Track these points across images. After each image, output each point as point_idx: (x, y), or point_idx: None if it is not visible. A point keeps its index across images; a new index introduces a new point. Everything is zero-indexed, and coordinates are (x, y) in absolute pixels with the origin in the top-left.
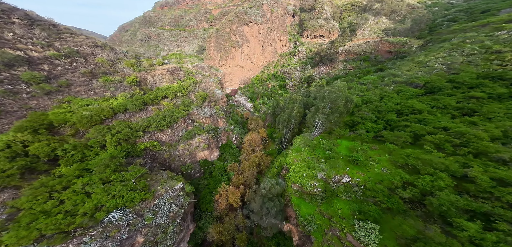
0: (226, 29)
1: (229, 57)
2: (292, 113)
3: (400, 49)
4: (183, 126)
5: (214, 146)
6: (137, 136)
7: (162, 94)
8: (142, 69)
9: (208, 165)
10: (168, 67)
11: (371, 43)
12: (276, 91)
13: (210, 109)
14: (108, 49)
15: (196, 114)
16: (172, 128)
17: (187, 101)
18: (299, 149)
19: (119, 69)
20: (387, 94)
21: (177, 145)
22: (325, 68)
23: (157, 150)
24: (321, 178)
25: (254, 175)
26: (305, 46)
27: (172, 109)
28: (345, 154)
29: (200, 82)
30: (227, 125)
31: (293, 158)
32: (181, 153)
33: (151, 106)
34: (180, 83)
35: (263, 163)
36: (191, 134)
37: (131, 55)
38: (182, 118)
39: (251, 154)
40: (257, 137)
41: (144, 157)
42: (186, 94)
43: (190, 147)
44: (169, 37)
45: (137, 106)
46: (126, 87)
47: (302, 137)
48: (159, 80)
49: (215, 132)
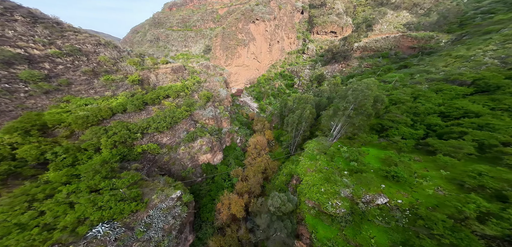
0: (232, 28)
1: (235, 56)
2: (303, 114)
3: (426, 44)
4: (185, 127)
5: (217, 148)
6: (135, 138)
7: (164, 93)
8: (145, 68)
9: (210, 169)
10: (172, 66)
11: (390, 38)
12: (283, 90)
13: (214, 110)
14: (111, 48)
15: (199, 115)
16: (173, 129)
17: (189, 101)
18: (313, 156)
19: (122, 68)
20: (422, 94)
21: (178, 148)
22: (337, 66)
23: (156, 153)
24: (346, 197)
25: (260, 181)
26: (315, 43)
27: (173, 109)
28: (376, 166)
29: (205, 81)
30: (231, 126)
31: (306, 167)
32: (182, 156)
33: (152, 106)
34: (184, 82)
35: (270, 168)
36: (192, 136)
37: (135, 53)
38: (184, 119)
39: (257, 158)
40: (263, 140)
41: (141, 161)
42: (189, 94)
43: (191, 150)
44: (177, 38)
45: (137, 106)
46: (128, 86)
47: (315, 142)
48: (163, 79)
49: (218, 133)
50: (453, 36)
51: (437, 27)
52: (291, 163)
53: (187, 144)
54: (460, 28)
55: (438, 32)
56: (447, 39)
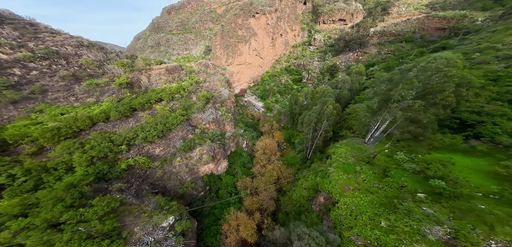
0: (232, 24)
1: (236, 54)
2: (324, 111)
3: (458, 24)
4: (181, 134)
5: (220, 156)
6: (119, 151)
7: (156, 97)
8: (136, 69)
9: (213, 181)
10: (166, 66)
11: (412, 21)
12: (291, 86)
13: (215, 112)
14: (96, 49)
15: (197, 119)
16: (167, 137)
17: (186, 104)
18: (350, 166)
19: (109, 70)
20: (504, 74)
21: (173, 159)
22: (352, 54)
23: (147, 167)
24: (440, 240)
25: (273, 195)
26: (322, 33)
27: (166, 114)
28: (484, 186)
29: (204, 81)
30: (235, 129)
31: (342, 183)
32: (179, 169)
33: (142, 112)
34: (180, 83)
35: (283, 177)
36: (190, 144)
37: (125, 55)
38: (180, 125)
39: (267, 166)
40: (272, 143)
41: (127, 179)
42: (185, 96)
43: (189, 161)
44: (177, 41)
45: (122, 112)
46: (115, 90)
47: (348, 146)
48: (156, 81)
49: (221, 138)
50: (492, 13)
51: (467, 5)
52: (313, 173)
53: (183, 154)
54: (498, 4)
55: (470, 10)
56: (484, 17)
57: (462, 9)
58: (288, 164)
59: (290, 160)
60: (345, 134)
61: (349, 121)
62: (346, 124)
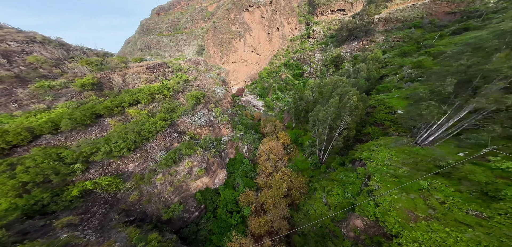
0: (224, 20)
1: (230, 51)
2: (346, 104)
3: (469, 7)
4: (163, 143)
5: (217, 165)
6: (71, 171)
7: (131, 99)
8: (106, 68)
9: (209, 198)
10: (147, 63)
11: (418, 6)
12: (291, 82)
13: (208, 114)
14: (53, 45)
15: (185, 124)
16: (143, 149)
17: (170, 106)
18: (414, 183)
19: (69, 70)
20: None
21: (153, 177)
22: (357, 43)
23: (115, 189)
24: None
25: (284, 213)
26: (320, 25)
27: (142, 120)
28: None
29: (195, 79)
30: (234, 132)
31: (402, 207)
32: (161, 188)
33: (110, 118)
34: (164, 82)
35: (295, 188)
36: (174, 156)
37: (96, 53)
38: (161, 133)
39: (273, 173)
40: (277, 146)
41: (85, 208)
42: (170, 96)
43: (175, 177)
44: (169, 43)
45: (79, 121)
46: (75, 93)
47: (394, 150)
48: (134, 81)
49: (217, 144)
50: None
51: None
52: (336, 185)
53: (166, 169)
54: None
55: None
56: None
57: None
58: (298, 170)
59: (300, 165)
60: (372, 131)
61: (376, 115)
62: (371, 119)
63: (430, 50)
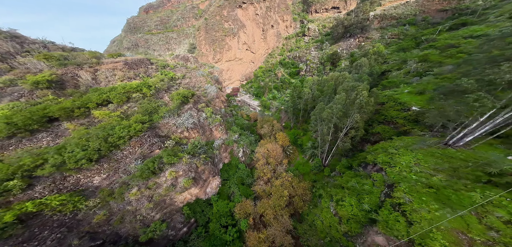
0: (216, 17)
1: (224, 49)
2: (354, 100)
3: (459, 5)
4: (139, 150)
5: (208, 173)
6: (6, 189)
7: (99, 98)
8: (71, 63)
9: (200, 210)
10: (125, 59)
11: (411, 3)
12: (287, 80)
13: (197, 115)
14: (3, 37)
15: (169, 126)
16: (112, 158)
17: (149, 106)
18: (450, 193)
19: (20, 65)
20: None
21: (126, 192)
22: (354, 40)
23: (73, 209)
24: None
25: (287, 226)
26: (315, 23)
27: (112, 124)
28: None
29: (183, 77)
30: (228, 134)
31: (452, 231)
32: (137, 205)
33: (68, 121)
34: (146, 80)
35: (298, 196)
36: (153, 166)
37: (61, 47)
38: (136, 138)
39: (272, 179)
40: (276, 148)
41: (28, 235)
42: (151, 95)
43: (156, 191)
44: (158, 41)
45: (21, 125)
46: (25, 92)
47: (421, 153)
48: (107, 79)
49: (208, 149)
50: None
51: None
52: (348, 193)
53: (143, 181)
54: None
55: None
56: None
57: None
58: (299, 173)
59: (301, 168)
60: (382, 131)
61: (386, 113)
62: (379, 117)
63: (434, 44)
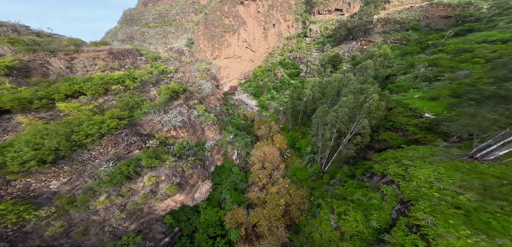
0: (217, 12)
1: (223, 45)
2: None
3: (464, 12)
4: (113, 151)
5: (197, 177)
6: None
7: (70, 89)
8: (42, 49)
9: (185, 219)
10: (110, 48)
11: (416, 8)
12: (287, 81)
13: (187, 112)
14: None
15: (153, 124)
16: (76, 160)
17: (131, 100)
18: (481, 216)
19: None
20: None
21: (92, 199)
22: (356, 43)
23: (18, 220)
24: None
25: (283, 238)
26: (317, 24)
27: (81, 119)
28: None
29: (175, 71)
30: (222, 135)
31: None
32: (106, 214)
33: (23, 115)
34: (132, 71)
35: (295, 205)
36: (127, 170)
37: (36, 32)
38: (109, 137)
39: (268, 185)
40: (273, 151)
41: None
42: (134, 88)
43: (130, 198)
44: (155, 35)
45: None
46: None
47: (442, 165)
48: (86, 68)
49: (198, 151)
50: (495, 2)
51: None
52: (352, 207)
53: (114, 188)
54: None
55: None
56: (489, 6)
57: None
58: (297, 180)
59: (298, 174)
60: (389, 138)
61: (394, 119)
62: (387, 123)
63: (444, 49)
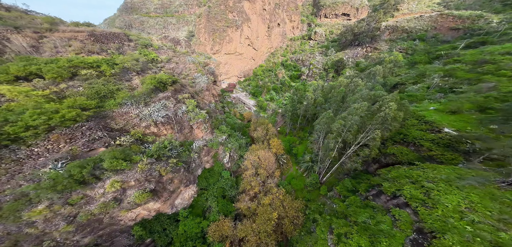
0: (221, 6)
1: (224, 41)
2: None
3: (473, 25)
4: (67, 148)
5: (179, 182)
6: None
7: (24, 70)
8: (6, 23)
9: (160, 230)
10: (92, 29)
11: (425, 18)
12: (288, 83)
13: (174, 107)
14: None
15: (129, 117)
16: (7, 158)
17: (103, 88)
18: None
19: None
20: None
21: (26, 208)
22: (361, 49)
23: None
24: None
25: None
26: (323, 27)
27: (25, 106)
28: None
29: (167, 60)
30: (214, 134)
31: None
32: (46, 226)
33: None
34: (115, 57)
35: (288, 218)
36: (80, 173)
37: (6, 7)
38: (61, 130)
39: (260, 194)
40: (268, 156)
41: None
42: (111, 75)
43: (84, 207)
44: (154, 25)
45: None
46: None
47: (485, 193)
48: (57, 49)
49: (183, 152)
50: (506, 16)
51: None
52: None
53: (59, 195)
54: (508, 7)
55: (485, 11)
56: (499, 19)
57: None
58: (292, 189)
59: (294, 183)
60: (398, 152)
61: (406, 131)
62: (397, 136)
63: (460, 59)
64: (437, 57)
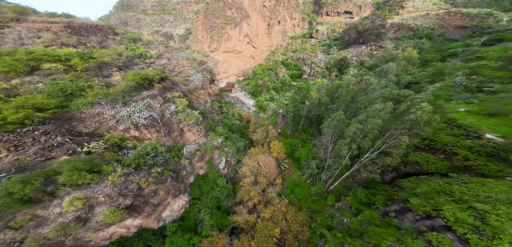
0: (219, 3)
1: (222, 38)
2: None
3: (482, 23)
4: (10, 158)
5: (166, 193)
6: None
7: None
8: None
9: (144, 245)
10: (70, 21)
11: (431, 16)
12: (289, 82)
13: (160, 107)
14: None
15: (102, 120)
16: None
17: (70, 85)
18: None
19: None
20: None
21: None
22: (365, 47)
23: None
24: None
25: None
26: (324, 25)
27: None
28: None
29: (158, 56)
30: (208, 137)
31: None
32: None
33: None
34: (95, 51)
35: (292, 232)
36: (22, 190)
37: None
38: (2, 135)
39: (261, 206)
40: (269, 162)
41: None
42: (84, 70)
43: (34, 230)
44: (151, 22)
45: None
46: None
47: None
48: (22, 40)
49: (171, 158)
50: None
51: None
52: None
53: None
54: None
55: (495, 9)
56: (509, 17)
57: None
58: (295, 198)
59: (297, 191)
60: (423, 161)
61: (433, 136)
62: (421, 142)
63: (482, 55)
64: (450, 55)
